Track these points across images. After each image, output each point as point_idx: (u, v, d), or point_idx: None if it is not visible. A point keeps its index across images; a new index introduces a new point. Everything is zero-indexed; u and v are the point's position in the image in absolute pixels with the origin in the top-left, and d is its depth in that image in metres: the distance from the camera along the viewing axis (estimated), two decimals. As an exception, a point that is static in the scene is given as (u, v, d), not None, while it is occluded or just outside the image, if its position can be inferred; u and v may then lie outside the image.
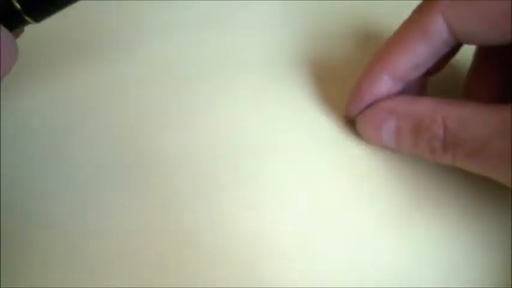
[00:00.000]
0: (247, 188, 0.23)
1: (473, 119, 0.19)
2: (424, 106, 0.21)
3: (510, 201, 0.23)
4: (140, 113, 0.25)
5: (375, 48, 0.23)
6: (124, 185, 0.23)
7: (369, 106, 0.23)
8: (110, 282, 0.21)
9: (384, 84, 0.22)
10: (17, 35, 0.20)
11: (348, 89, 0.24)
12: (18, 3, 0.18)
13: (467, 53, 0.24)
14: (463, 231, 0.22)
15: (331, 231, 0.23)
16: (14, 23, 0.18)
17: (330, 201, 0.23)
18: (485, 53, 0.23)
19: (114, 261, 0.22)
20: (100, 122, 0.24)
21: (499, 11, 0.18)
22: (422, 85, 0.24)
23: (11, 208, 0.23)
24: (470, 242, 0.22)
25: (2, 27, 0.17)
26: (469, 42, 0.20)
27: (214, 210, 0.23)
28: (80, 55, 0.26)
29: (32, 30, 0.20)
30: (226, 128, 0.25)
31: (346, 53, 0.27)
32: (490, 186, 0.23)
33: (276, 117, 0.25)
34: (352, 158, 0.24)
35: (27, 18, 0.18)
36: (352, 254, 0.22)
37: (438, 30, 0.20)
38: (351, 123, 0.24)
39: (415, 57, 0.21)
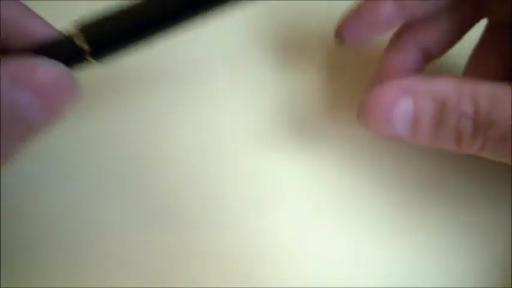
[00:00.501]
0: (248, 187, 0.23)
1: (505, 98, 0.17)
2: (448, 84, 0.18)
3: (510, 200, 0.23)
4: (140, 113, 0.25)
5: (378, 51, 0.23)
6: (125, 185, 0.23)
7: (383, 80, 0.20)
8: (111, 282, 0.21)
9: (385, 5, 0.20)
10: None
11: (347, 89, 0.24)
12: (86, 44, 0.16)
13: (464, 51, 0.24)
14: (462, 231, 0.22)
15: (332, 231, 0.23)
16: (77, 64, 0.17)
17: (330, 201, 0.23)
18: (493, 30, 0.22)
19: (115, 261, 0.22)
20: (100, 123, 0.24)
21: None
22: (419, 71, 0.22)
23: (11, 209, 0.23)
24: (470, 242, 0.22)
25: (65, 67, 0.16)
26: None
27: (215, 209, 0.23)
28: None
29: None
30: (227, 128, 0.24)
31: (346, 52, 0.27)
32: (490, 186, 0.23)
33: (276, 116, 0.25)
34: (353, 158, 0.24)
35: (91, 60, 0.17)
36: (352, 254, 0.22)
37: None
38: (340, 44, 0.21)
39: None
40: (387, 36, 0.22)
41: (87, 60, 0.17)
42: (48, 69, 0.15)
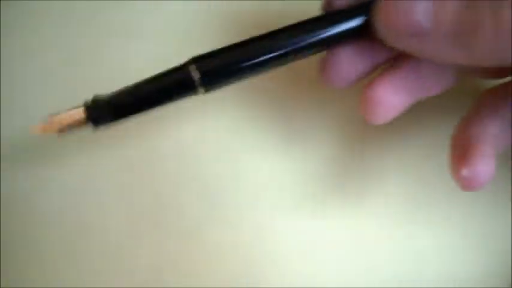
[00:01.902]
0: (247, 187, 0.23)
1: None
2: None
3: (510, 201, 0.23)
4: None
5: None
6: (124, 183, 0.23)
7: None
8: (109, 281, 0.21)
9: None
10: None
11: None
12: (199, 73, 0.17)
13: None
14: (462, 231, 0.22)
15: (331, 231, 0.23)
16: (184, 94, 0.18)
17: (330, 200, 0.23)
18: None
19: (113, 261, 0.22)
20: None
21: None
22: None
23: (11, 208, 0.23)
24: (470, 242, 0.22)
25: None
26: None
27: (214, 209, 0.23)
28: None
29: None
30: (224, 129, 0.24)
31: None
32: (490, 186, 0.23)
33: (275, 118, 0.25)
34: (352, 158, 0.24)
35: (201, 89, 0.18)
36: (352, 253, 0.22)
37: None
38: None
39: None
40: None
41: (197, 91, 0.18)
42: None
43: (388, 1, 0.17)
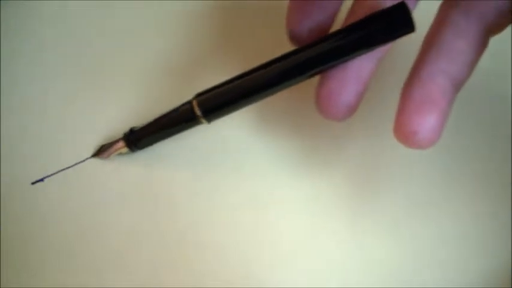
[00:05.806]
0: (247, 186, 0.23)
1: None
2: None
3: (510, 201, 0.23)
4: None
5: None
6: (122, 184, 0.23)
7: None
8: (108, 281, 0.21)
9: None
10: None
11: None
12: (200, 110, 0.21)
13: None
14: (462, 231, 0.22)
15: (331, 230, 0.22)
16: (190, 125, 0.22)
17: (330, 199, 0.23)
18: None
19: (112, 261, 0.22)
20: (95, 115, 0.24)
21: None
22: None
23: (11, 209, 0.23)
24: (470, 242, 0.22)
25: None
26: None
27: (213, 209, 0.23)
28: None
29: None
30: (223, 129, 0.24)
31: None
32: (491, 187, 0.23)
33: (275, 118, 0.25)
34: (352, 158, 0.24)
35: (204, 122, 0.21)
36: (353, 254, 0.22)
37: None
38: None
39: None
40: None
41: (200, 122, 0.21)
42: None
43: None
